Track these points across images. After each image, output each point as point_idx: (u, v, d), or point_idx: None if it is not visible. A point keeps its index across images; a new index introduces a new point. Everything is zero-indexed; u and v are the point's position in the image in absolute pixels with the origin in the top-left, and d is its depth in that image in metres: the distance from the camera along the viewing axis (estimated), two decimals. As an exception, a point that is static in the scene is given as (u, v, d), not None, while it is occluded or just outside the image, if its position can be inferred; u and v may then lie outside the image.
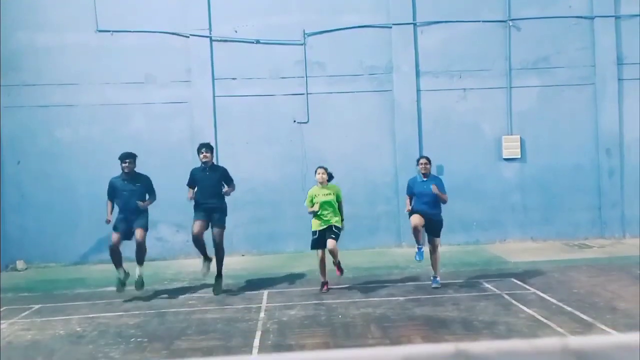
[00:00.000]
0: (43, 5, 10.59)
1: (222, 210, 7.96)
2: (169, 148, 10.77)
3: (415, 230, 7.67)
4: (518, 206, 11.19)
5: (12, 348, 6.10)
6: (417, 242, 7.81)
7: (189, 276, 9.17)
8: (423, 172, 7.79)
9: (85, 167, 10.45)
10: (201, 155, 7.87)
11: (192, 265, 9.92)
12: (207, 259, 8.03)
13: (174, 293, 8.16)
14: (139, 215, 7.79)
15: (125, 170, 7.75)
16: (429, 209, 7.70)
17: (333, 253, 7.68)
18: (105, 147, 10.54)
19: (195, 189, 7.89)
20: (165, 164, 10.66)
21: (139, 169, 10.50)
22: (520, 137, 11.15)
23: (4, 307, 7.67)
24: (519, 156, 11.14)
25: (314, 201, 7.68)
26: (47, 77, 10.58)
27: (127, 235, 7.78)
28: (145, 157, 10.63)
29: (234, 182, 8.15)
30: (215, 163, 8.01)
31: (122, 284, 7.78)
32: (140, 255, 7.81)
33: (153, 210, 10.41)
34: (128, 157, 7.77)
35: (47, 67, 10.60)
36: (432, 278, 7.89)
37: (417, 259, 7.90)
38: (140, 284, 7.78)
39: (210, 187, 7.81)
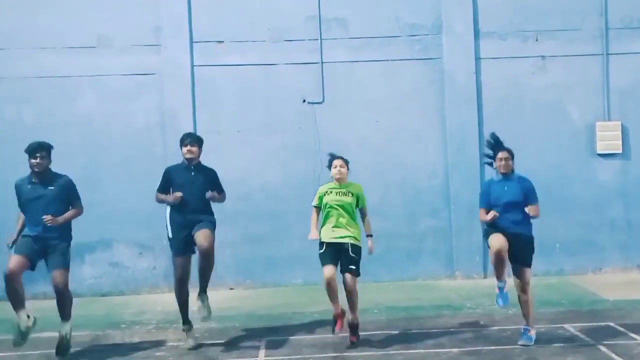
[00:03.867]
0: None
1: (210, 219, 7.84)
2: (131, 138, 10.88)
3: (498, 259, 7.25)
4: (619, 221, 11.20)
5: None
6: (499, 277, 7.49)
7: (156, 317, 9.16)
8: (503, 171, 7.46)
9: (12, 162, 10.37)
10: (184, 149, 7.74)
11: (161, 302, 9.96)
12: (188, 325, 7.80)
13: (135, 341, 8.11)
14: (55, 243, 7.41)
15: (36, 169, 7.44)
16: (513, 223, 7.33)
17: (351, 295, 7.52)
18: (42, 134, 10.35)
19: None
20: (125, 160, 10.79)
21: (90, 164, 10.46)
22: (622, 125, 11.20)
23: None
24: (620, 151, 11.21)
25: (323, 200, 7.61)
26: (-38, 39, 10.77)
27: (34, 262, 7.37)
28: (96, 151, 10.87)
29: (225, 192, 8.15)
30: (202, 163, 7.90)
31: (21, 334, 7.26)
32: (63, 307, 7.51)
33: (106, 225, 10.53)
34: (39, 150, 7.42)
35: (-38, 24, 10.80)
36: (522, 330, 7.59)
37: (500, 303, 7.59)
38: (64, 349, 7.44)
39: (195, 194, 7.65)
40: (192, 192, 7.68)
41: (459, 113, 11.04)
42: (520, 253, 7.36)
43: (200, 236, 7.57)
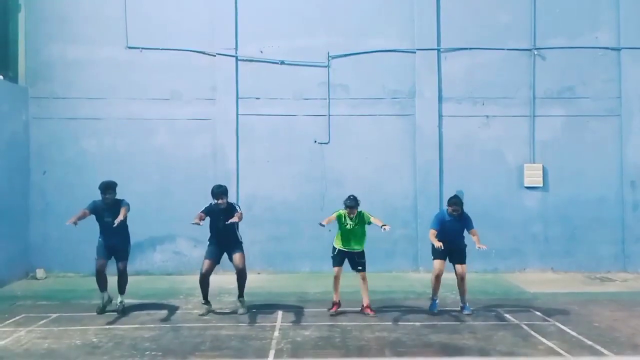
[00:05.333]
0: (75, 20, 10.91)
1: (238, 241, 7.91)
2: (191, 163, 10.89)
3: (437, 280, 7.70)
4: (539, 236, 11.07)
5: (29, 355, 6.18)
6: (435, 293, 7.83)
7: (204, 292, 9.20)
8: (454, 215, 7.73)
9: (108, 178, 10.50)
10: (220, 201, 7.68)
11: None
12: (207, 302, 7.95)
13: (189, 308, 8.19)
14: (122, 245, 7.90)
15: (106, 202, 7.82)
16: (454, 241, 7.72)
17: (364, 283, 7.76)
18: (129, 159, 10.79)
19: (207, 218, 7.78)
20: (186, 179, 10.81)
21: (162, 181, 10.47)
22: (543, 166, 11.09)
23: (23, 315, 7.79)
24: (541, 185, 11.06)
25: (341, 219, 7.73)
26: (77, 90, 10.85)
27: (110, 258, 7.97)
28: (167, 172, 10.89)
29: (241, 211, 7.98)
30: (228, 201, 7.91)
31: (103, 307, 7.88)
32: (122, 284, 7.99)
33: (172, 224, 10.58)
34: (108, 188, 7.83)
35: (77, 80, 10.87)
36: (461, 305, 7.87)
37: (432, 309, 7.78)
38: (121, 310, 7.88)
39: (225, 227, 7.67)
40: (222, 226, 7.66)
41: (425, 155, 10.98)
42: (457, 255, 7.77)
43: (237, 259, 7.76)
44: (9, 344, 6.55)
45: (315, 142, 11.04)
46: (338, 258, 7.77)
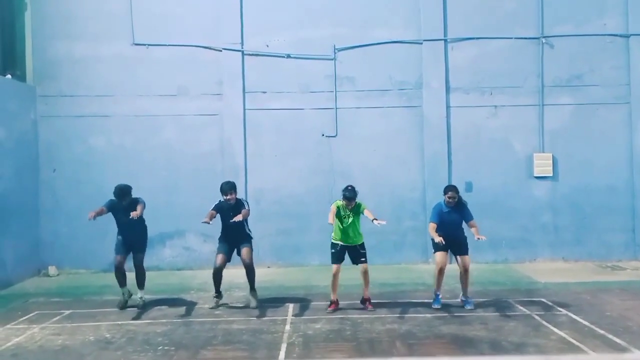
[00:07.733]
0: (81, 17, 10.94)
1: (248, 236, 7.96)
2: (199, 159, 10.93)
3: (440, 273, 7.56)
4: (549, 225, 11.04)
5: (43, 352, 6.25)
6: (438, 287, 7.68)
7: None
8: (451, 205, 7.60)
9: (117, 175, 10.53)
10: (229, 197, 7.68)
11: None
12: (219, 295, 8.01)
13: (200, 303, 8.23)
14: (139, 239, 7.99)
15: (123, 204, 7.87)
16: (454, 232, 7.60)
17: (366, 276, 7.62)
18: (137, 156, 10.85)
19: (217, 215, 7.75)
20: (194, 174, 10.86)
21: (170, 177, 10.53)
22: (553, 155, 11.05)
23: (36, 312, 7.87)
24: (551, 174, 11.02)
25: (339, 210, 7.58)
26: (83, 88, 10.90)
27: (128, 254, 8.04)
28: (175, 167, 10.94)
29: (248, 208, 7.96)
30: (237, 197, 7.91)
31: (124, 302, 7.96)
32: (140, 279, 8.02)
33: (181, 220, 10.66)
34: (123, 195, 7.84)
35: (84, 77, 10.91)
36: (463, 299, 7.77)
37: (436, 306, 7.64)
38: (141, 306, 7.93)
39: (233, 223, 7.61)
40: (231, 222, 7.58)
41: (433, 146, 10.96)
42: (459, 246, 7.62)
43: (244, 254, 7.79)
44: (23, 340, 6.63)
45: (323, 135, 11.04)
46: (338, 254, 7.61)
